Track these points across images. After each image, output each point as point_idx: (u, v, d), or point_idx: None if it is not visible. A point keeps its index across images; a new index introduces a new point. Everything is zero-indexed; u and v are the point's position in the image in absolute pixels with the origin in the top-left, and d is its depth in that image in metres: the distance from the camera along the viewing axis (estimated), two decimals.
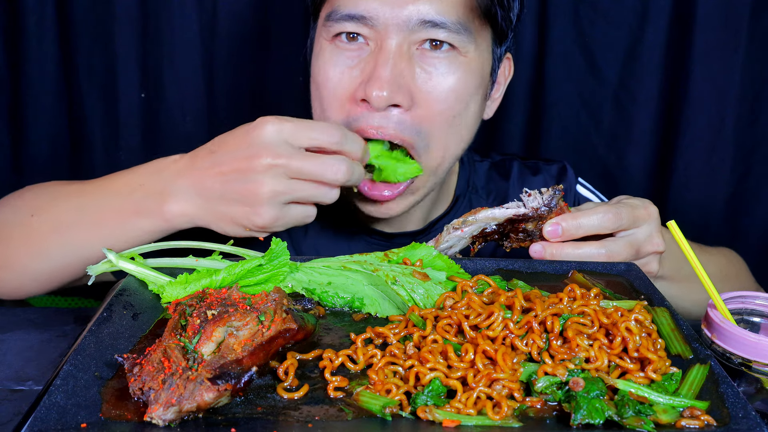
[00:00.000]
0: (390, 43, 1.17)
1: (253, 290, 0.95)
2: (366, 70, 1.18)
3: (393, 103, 1.17)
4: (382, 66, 1.16)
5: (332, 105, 1.22)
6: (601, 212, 1.08)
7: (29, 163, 1.96)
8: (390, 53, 1.16)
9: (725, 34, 1.80)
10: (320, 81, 1.24)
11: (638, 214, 1.10)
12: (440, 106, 1.20)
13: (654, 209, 1.13)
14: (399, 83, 1.16)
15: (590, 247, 1.07)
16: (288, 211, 1.08)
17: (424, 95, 1.19)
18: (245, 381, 0.74)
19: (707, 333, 0.90)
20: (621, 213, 1.08)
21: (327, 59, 1.23)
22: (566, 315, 0.83)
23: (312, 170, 1.05)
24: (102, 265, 0.99)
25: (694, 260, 0.92)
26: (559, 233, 1.07)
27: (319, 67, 1.24)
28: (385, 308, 0.95)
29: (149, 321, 0.90)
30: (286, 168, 1.04)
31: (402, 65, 1.17)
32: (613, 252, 1.07)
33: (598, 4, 1.84)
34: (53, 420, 0.69)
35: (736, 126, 1.87)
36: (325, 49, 1.23)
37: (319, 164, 1.05)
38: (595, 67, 1.89)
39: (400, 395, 0.75)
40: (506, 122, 1.96)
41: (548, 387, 0.76)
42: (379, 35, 1.17)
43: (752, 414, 0.71)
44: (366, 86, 1.16)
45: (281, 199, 1.06)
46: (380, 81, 1.15)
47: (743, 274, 1.53)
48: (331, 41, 1.22)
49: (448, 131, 1.23)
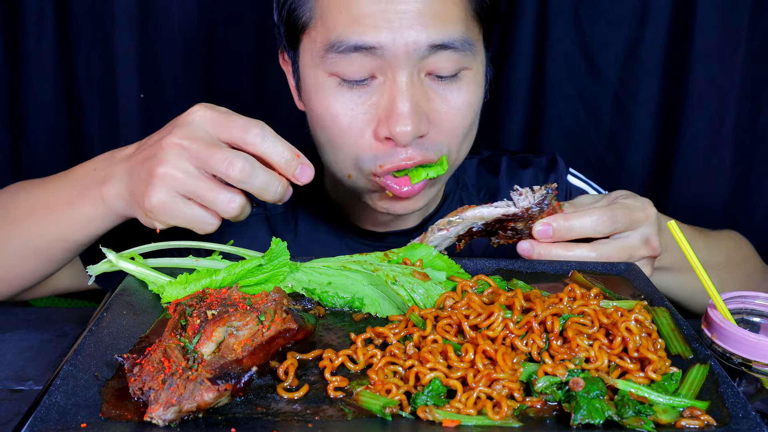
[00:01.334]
0: (401, 75, 1.12)
1: (253, 290, 0.95)
2: (381, 104, 1.14)
3: (418, 135, 1.14)
4: (401, 101, 1.11)
5: (346, 143, 1.18)
6: (596, 215, 1.04)
7: (28, 163, 1.97)
8: (404, 86, 1.12)
9: (725, 34, 1.80)
10: (326, 117, 1.17)
11: (635, 216, 1.07)
12: (458, 122, 1.19)
13: (653, 211, 1.10)
14: (419, 114, 1.13)
15: (581, 249, 1.05)
16: (181, 205, 0.98)
17: (441, 116, 1.17)
18: (245, 381, 0.74)
19: (707, 333, 0.90)
20: (617, 216, 1.05)
21: (331, 95, 1.16)
22: (566, 315, 0.83)
23: (210, 160, 0.96)
24: (102, 265, 0.99)
25: (694, 260, 0.92)
26: (550, 234, 1.04)
27: (321, 103, 1.17)
28: (385, 308, 0.95)
29: (149, 321, 0.90)
30: (191, 153, 0.96)
31: (418, 95, 1.13)
32: (604, 256, 1.05)
33: (598, 4, 1.84)
34: (53, 420, 0.69)
35: (736, 126, 1.87)
36: (327, 84, 1.16)
37: (218, 155, 0.95)
38: (595, 67, 1.89)
39: (400, 395, 0.75)
40: (506, 122, 1.96)
41: (548, 387, 0.76)
42: (388, 66, 1.12)
43: (752, 414, 0.71)
44: (389, 124, 1.12)
45: (175, 186, 0.97)
46: (403, 117, 1.10)
47: (751, 257, 1.48)
48: (330, 75, 1.16)
49: (464, 139, 1.24)
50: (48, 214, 1.14)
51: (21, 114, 1.91)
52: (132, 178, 1.03)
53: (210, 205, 0.98)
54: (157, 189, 0.97)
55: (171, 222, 1.00)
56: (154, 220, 1.01)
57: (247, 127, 0.97)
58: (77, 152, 1.97)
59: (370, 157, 1.17)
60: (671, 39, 1.83)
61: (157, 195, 0.97)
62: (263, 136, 0.97)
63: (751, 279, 1.41)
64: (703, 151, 1.89)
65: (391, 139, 1.14)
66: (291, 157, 0.99)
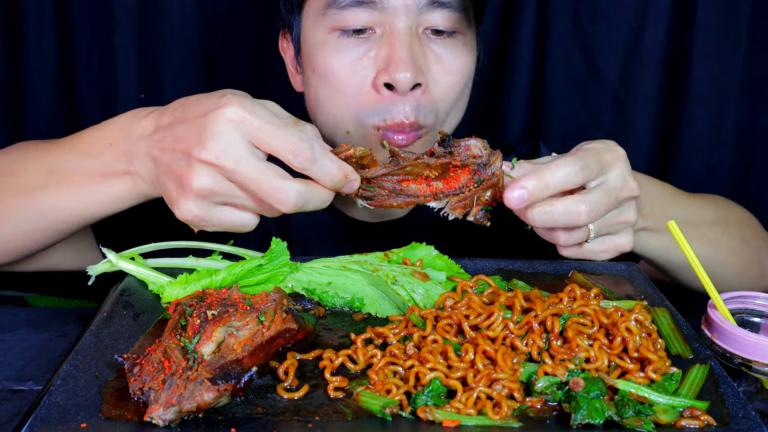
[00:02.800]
0: (400, 25, 1.17)
1: (253, 290, 0.95)
2: (380, 55, 1.18)
3: (416, 83, 1.17)
4: (399, 48, 1.16)
5: (347, 96, 1.21)
6: (567, 165, 0.95)
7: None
8: (403, 35, 1.17)
9: (725, 34, 1.79)
10: (328, 73, 1.21)
11: (605, 159, 1.00)
12: (451, 85, 1.23)
13: (621, 151, 1.03)
14: (417, 64, 1.17)
15: (569, 201, 0.96)
16: (217, 214, 0.92)
17: (437, 75, 1.21)
18: (245, 381, 0.74)
19: (707, 333, 0.90)
20: (588, 162, 0.97)
21: (332, 50, 1.20)
22: (566, 315, 0.83)
23: (256, 188, 0.88)
24: (102, 265, 0.99)
25: (694, 260, 0.92)
26: (526, 198, 0.93)
27: (325, 59, 1.21)
28: (385, 308, 0.95)
29: (149, 321, 0.90)
30: (227, 173, 0.88)
31: (415, 47, 1.18)
32: (593, 204, 0.96)
33: (598, 4, 1.84)
34: (53, 420, 0.69)
35: (736, 126, 1.87)
36: (328, 39, 1.21)
37: (266, 185, 0.88)
38: (595, 67, 1.89)
39: (400, 395, 0.75)
40: (506, 122, 1.96)
41: (548, 387, 0.76)
42: (387, 19, 1.17)
43: (752, 414, 0.71)
44: (389, 70, 1.15)
45: (212, 198, 0.91)
46: (403, 62, 1.15)
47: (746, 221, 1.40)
48: (331, 32, 1.20)
49: (455, 105, 1.27)
50: (66, 188, 1.08)
51: (21, 114, 1.91)
52: (159, 169, 0.96)
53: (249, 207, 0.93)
54: (190, 203, 0.91)
55: (211, 230, 0.95)
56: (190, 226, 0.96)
57: (296, 150, 0.88)
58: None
59: (370, 111, 1.20)
60: (671, 39, 1.83)
61: (189, 209, 0.91)
62: (313, 161, 0.89)
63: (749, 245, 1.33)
64: (703, 151, 1.89)
65: (390, 90, 1.17)
66: (341, 179, 0.93)
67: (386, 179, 0.96)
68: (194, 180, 0.89)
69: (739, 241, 1.32)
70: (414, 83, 1.16)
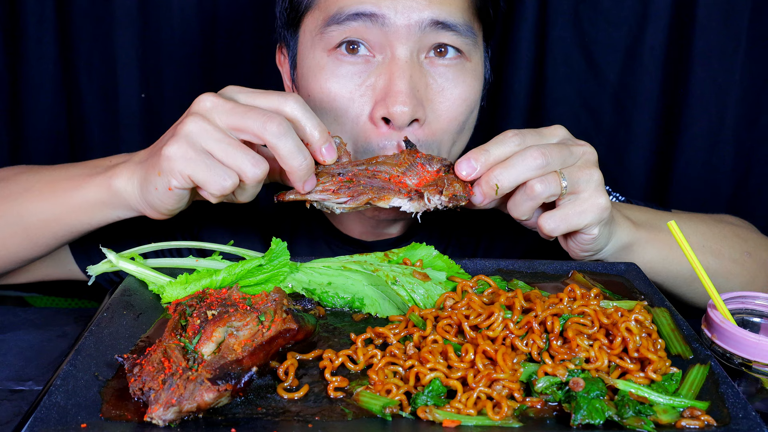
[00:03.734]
0: (401, 51, 1.11)
1: (253, 290, 0.95)
2: (378, 84, 1.12)
3: (414, 118, 1.12)
4: (399, 79, 1.10)
5: (342, 126, 1.15)
6: (501, 136, 1.00)
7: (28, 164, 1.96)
8: (403, 63, 1.11)
9: (725, 34, 1.79)
10: (324, 99, 1.15)
11: (544, 131, 1.05)
12: (452, 117, 1.18)
13: (560, 128, 1.08)
14: (416, 97, 1.11)
15: (521, 156, 0.98)
16: (202, 156, 0.93)
17: (437, 107, 1.16)
18: (245, 381, 0.74)
19: (707, 333, 0.90)
20: (521, 132, 1.01)
21: (330, 75, 1.14)
22: (566, 315, 0.83)
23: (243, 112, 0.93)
24: (102, 265, 0.99)
25: (694, 260, 0.92)
26: (475, 166, 0.98)
27: (321, 84, 1.15)
28: (386, 308, 0.95)
29: (149, 321, 0.90)
30: (215, 113, 0.94)
31: (416, 77, 1.12)
32: (543, 147, 0.99)
33: (598, 4, 1.84)
34: (53, 420, 0.69)
35: (736, 126, 1.87)
36: (325, 63, 1.15)
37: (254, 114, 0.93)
38: (595, 67, 1.89)
39: (400, 395, 0.75)
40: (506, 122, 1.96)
41: (548, 387, 0.76)
42: (387, 40, 1.11)
43: (752, 414, 0.71)
44: (387, 103, 1.10)
45: (199, 139, 0.93)
46: (402, 95, 1.09)
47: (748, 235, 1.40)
48: (329, 53, 1.14)
49: (458, 136, 1.22)
50: (47, 193, 1.11)
51: (21, 114, 1.91)
52: (148, 162, 1.00)
53: (234, 161, 0.93)
54: (180, 140, 0.93)
55: (186, 172, 0.94)
56: (170, 174, 0.95)
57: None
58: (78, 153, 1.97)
59: (365, 143, 1.15)
60: (671, 39, 1.83)
61: (178, 145, 0.93)
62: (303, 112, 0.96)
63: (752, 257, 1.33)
64: (703, 152, 1.89)
65: (387, 123, 1.12)
66: (323, 129, 0.98)
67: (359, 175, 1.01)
68: (184, 126, 0.93)
69: (741, 253, 1.32)
70: (412, 118, 1.11)
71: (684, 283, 1.24)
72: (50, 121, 1.92)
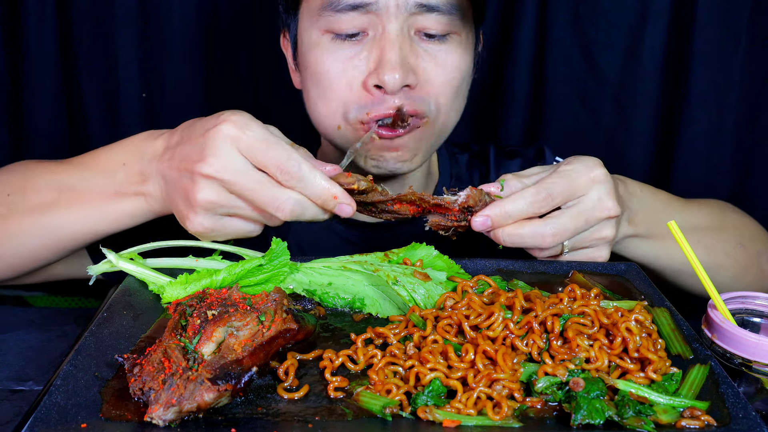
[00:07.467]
0: (391, 27, 1.19)
1: (253, 290, 0.95)
2: (371, 57, 1.20)
3: (405, 84, 1.19)
4: (389, 50, 1.18)
5: (335, 93, 1.23)
6: (530, 195, 1.00)
7: None
8: (394, 37, 1.19)
9: (725, 34, 1.79)
10: (320, 72, 1.24)
11: (578, 184, 1.03)
12: (444, 81, 1.24)
13: (600, 171, 1.05)
14: (407, 65, 1.19)
15: (533, 225, 1.01)
16: (225, 224, 1.00)
17: (430, 73, 1.23)
18: (245, 381, 0.74)
19: (707, 333, 0.90)
20: (552, 192, 1.01)
21: (325, 51, 1.23)
22: (566, 315, 0.83)
23: (255, 198, 0.96)
24: (102, 266, 0.99)
25: (694, 260, 0.92)
26: (489, 224, 1.01)
27: (317, 58, 1.24)
28: (386, 308, 0.95)
29: (149, 321, 0.90)
30: (227, 184, 0.96)
31: (406, 48, 1.20)
32: (559, 227, 1.01)
33: (598, 4, 1.84)
34: (53, 420, 0.69)
35: (736, 126, 1.87)
36: (321, 40, 1.24)
37: (264, 194, 0.96)
38: (595, 67, 1.89)
39: (401, 395, 0.75)
40: (506, 122, 1.96)
41: (548, 387, 0.76)
42: (379, 21, 1.19)
43: (752, 414, 0.71)
44: (379, 72, 1.18)
45: (217, 210, 0.98)
46: (392, 64, 1.17)
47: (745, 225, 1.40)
48: (324, 33, 1.23)
49: (454, 100, 1.28)
50: (78, 206, 1.12)
51: (21, 114, 1.91)
52: (168, 186, 1.04)
53: (261, 221, 1.02)
54: (199, 217, 0.99)
55: (222, 239, 1.03)
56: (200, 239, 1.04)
57: (283, 166, 0.95)
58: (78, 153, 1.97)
59: (357, 107, 1.22)
60: (671, 39, 1.83)
61: (199, 221, 0.99)
62: (299, 178, 0.95)
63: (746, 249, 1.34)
64: (703, 151, 1.89)
65: (379, 89, 1.19)
66: (327, 198, 0.97)
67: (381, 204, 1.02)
68: (199, 194, 0.96)
69: (734, 246, 1.33)
70: (403, 84, 1.18)
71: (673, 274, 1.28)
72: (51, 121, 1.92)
